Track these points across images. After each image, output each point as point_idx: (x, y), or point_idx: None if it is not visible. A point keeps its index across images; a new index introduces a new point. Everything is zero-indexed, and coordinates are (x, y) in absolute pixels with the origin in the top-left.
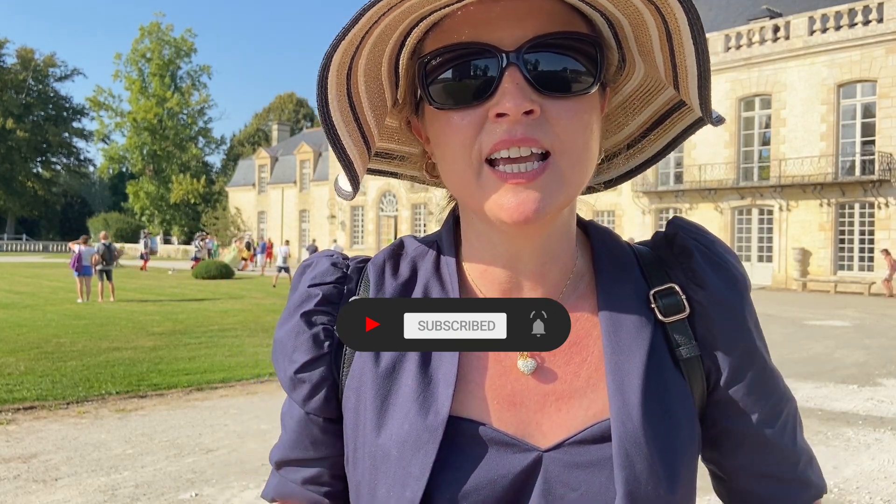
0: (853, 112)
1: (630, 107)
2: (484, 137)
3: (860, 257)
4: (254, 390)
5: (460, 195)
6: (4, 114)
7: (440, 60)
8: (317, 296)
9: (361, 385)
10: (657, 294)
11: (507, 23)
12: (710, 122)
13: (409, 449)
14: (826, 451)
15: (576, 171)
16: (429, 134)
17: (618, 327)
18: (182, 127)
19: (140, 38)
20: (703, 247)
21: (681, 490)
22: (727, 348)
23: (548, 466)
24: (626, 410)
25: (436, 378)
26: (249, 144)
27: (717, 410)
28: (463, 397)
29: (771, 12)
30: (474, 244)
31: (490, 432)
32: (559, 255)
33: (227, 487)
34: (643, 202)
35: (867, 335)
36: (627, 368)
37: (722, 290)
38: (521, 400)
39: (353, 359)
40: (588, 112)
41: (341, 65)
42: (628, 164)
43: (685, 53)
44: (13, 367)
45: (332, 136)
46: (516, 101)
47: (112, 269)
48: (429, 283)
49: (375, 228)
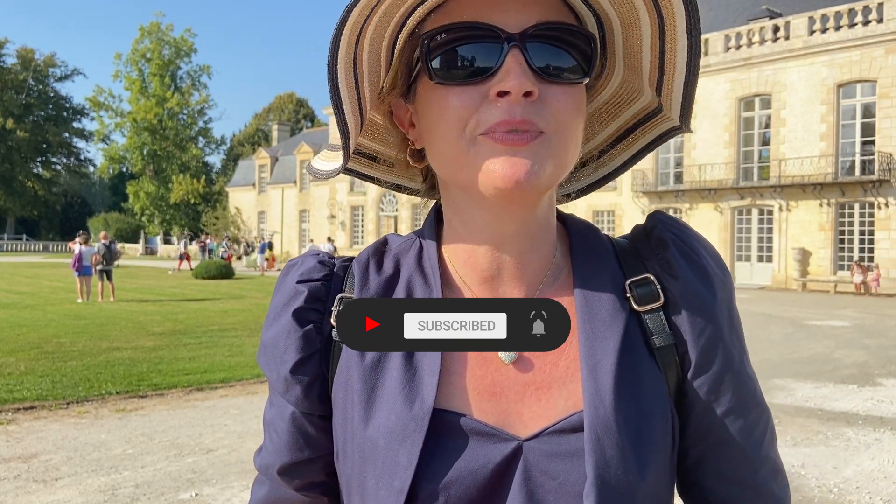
0: (853, 112)
1: (599, 119)
2: (482, 115)
3: (860, 257)
4: (254, 390)
5: (450, 170)
6: (4, 114)
7: (444, 38)
8: (304, 293)
9: (349, 379)
10: (633, 284)
11: (511, 6)
12: (686, 127)
13: (397, 439)
14: (826, 451)
15: (565, 151)
16: (421, 112)
17: (593, 315)
18: (182, 127)
19: (140, 38)
20: (678, 239)
21: (651, 477)
22: (694, 340)
23: (527, 456)
24: (599, 396)
25: (420, 369)
26: (249, 144)
27: (687, 401)
28: (445, 389)
29: (771, 12)
30: (459, 231)
31: (471, 423)
32: (540, 243)
33: (227, 487)
34: (643, 202)
35: (867, 335)
36: (601, 355)
37: (693, 282)
38: (501, 390)
39: (340, 354)
40: (580, 99)
41: (354, 25)
42: (594, 175)
43: (676, 49)
44: (13, 367)
45: (334, 94)
46: (520, 80)
47: (112, 269)
48: (412, 277)
49: (375, 228)
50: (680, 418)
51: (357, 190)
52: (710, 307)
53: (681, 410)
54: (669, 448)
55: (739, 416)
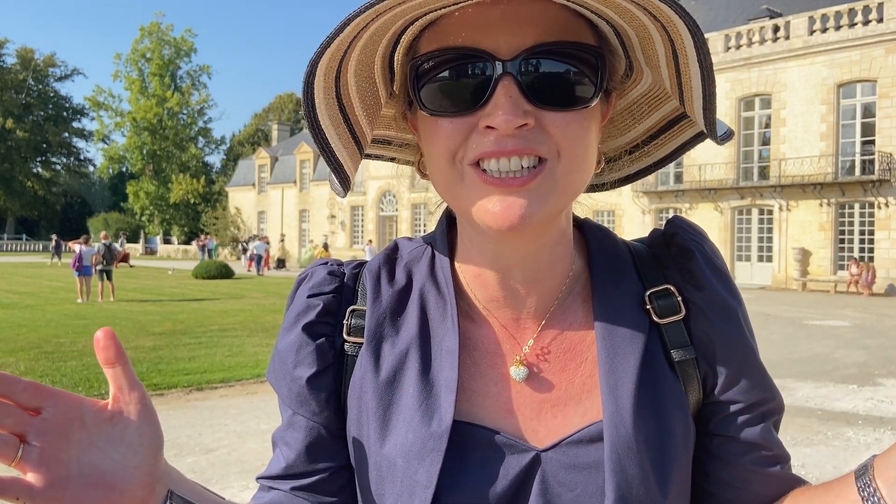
0: (853, 112)
1: (637, 111)
2: (471, 145)
3: (860, 257)
4: (254, 390)
5: (447, 197)
6: (4, 114)
7: (433, 63)
8: (317, 306)
9: (363, 394)
10: (653, 295)
11: (505, 28)
12: (716, 142)
13: (415, 458)
14: (826, 451)
15: (571, 178)
16: (419, 130)
17: (612, 331)
18: (182, 127)
19: (140, 38)
20: (704, 249)
21: (672, 495)
22: (726, 350)
23: (545, 467)
24: (619, 415)
25: (437, 384)
26: (249, 144)
27: (713, 411)
28: (461, 406)
29: (771, 12)
30: (468, 246)
31: (489, 435)
32: (553, 262)
33: (227, 487)
34: (643, 202)
35: (867, 335)
36: (621, 373)
37: (721, 292)
38: (516, 407)
39: (353, 368)
40: (588, 119)
41: (329, 69)
42: (633, 166)
43: (690, 75)
44: (13, 367)
45: (320, 140)
46: (507, 117)
47: (112, 269)
48: (424, 288)
49: (375, 228)
50: (704, 426)
51: (357, 190)
52: (738, 317)
53: (705, 419)
54: (690, 462)
55: (767, 419)
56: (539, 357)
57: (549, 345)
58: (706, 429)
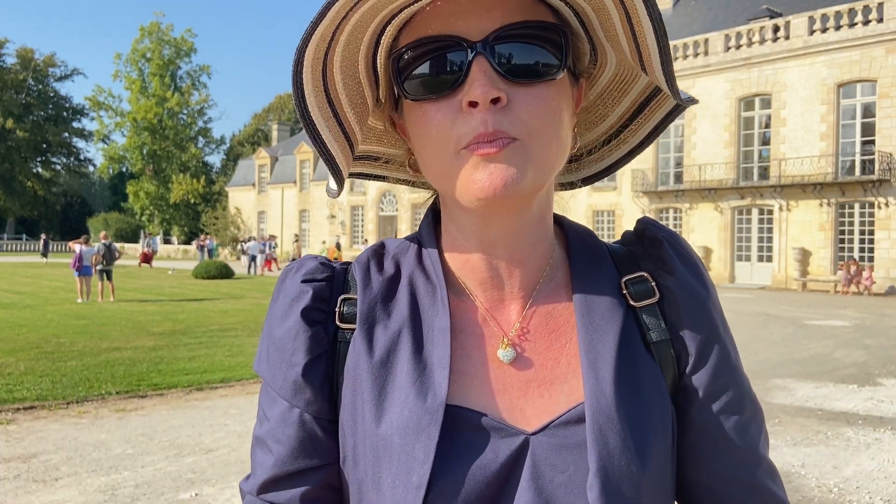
0: (853, 112)
1: (609, 97)
2: (459, 129)
3: (860, 257)
4: (254, 390)
5: (438, 181)
6: (4, 114)
7: (412, 55)
8: (309, 292)
9: (357, 379)
10: (628, 281)
11: (474, 14)
12: (680, 101)
13: (412, 434)
14: (826, 451)
15: (545, 155)
16: (408, 126)
17: (591, 311)
18: (182, 127)
19: (140, 38)
20: (671, 237)
21: (653, 467)
22: (692, 333)
23: (535, 449)
24: (600, 387)
25: (430, 362)
26: (249, 144)
27: (684, 396)
28: (452, 386)
29: (771, 12)
30: (454, 235)
31: (479, 418)
32: (536, 242)
33: (227, 487)
34: (643, 202)
35: (867, 335)
36: (601, 349)
37: (688, 277)
38: (504, 387)
39: (347, 355)
40: (556, 98)
41: (315, 60)
42: (612, 155)
43: (644, 31)
44: (13, 367)
45: (311, 130)
46: (484, 89)
47: (112, 269)
48: (413, 275)
49: (375, 228)
50: (677, 413)
51: (357, 190)
52: (705, 302)
53: (678, 405)
54: (670, 441)
55: (736, 412)
56: (524, 338)
57: (535, 326)
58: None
